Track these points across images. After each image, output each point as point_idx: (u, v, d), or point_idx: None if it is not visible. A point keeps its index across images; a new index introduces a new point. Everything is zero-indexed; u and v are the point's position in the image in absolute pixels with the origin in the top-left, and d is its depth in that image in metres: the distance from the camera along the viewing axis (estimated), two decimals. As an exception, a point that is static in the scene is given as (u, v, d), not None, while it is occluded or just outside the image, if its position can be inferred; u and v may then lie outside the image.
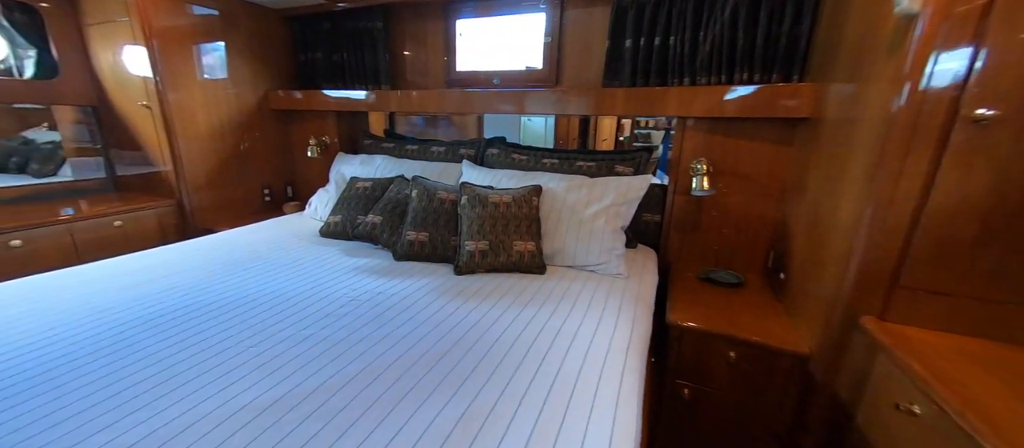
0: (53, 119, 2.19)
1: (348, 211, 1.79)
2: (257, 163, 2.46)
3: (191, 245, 1.69)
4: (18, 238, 1.61)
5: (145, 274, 1.35)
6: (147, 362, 0.88)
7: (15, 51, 1.96)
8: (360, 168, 2.09)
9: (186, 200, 2.12)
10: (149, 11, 1.84)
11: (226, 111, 2.24)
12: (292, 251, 1.62)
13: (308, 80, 2.55)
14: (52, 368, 0.86)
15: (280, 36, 2.46)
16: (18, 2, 1.89)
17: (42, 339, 0.95)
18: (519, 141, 2.36)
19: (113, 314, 1.07)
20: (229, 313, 1.10)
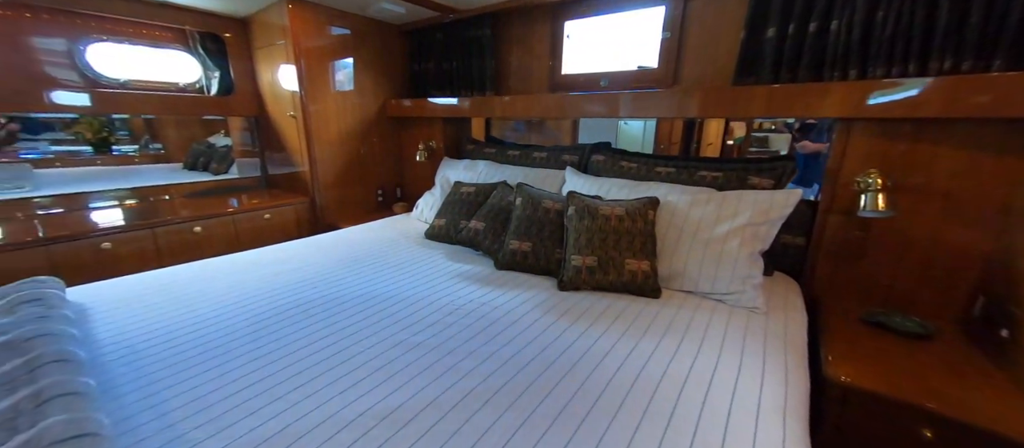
0: (227, 127, 2.67)
1: (452, 215, 1.83)
2: (373, 166, 2.69)
3: (318, 240, 1.89)
4: (199, 225, 1.97)
5: (283, 264, 1.53)
6: (284, 352, 0.96)
7: (205, 73, 2.42)
8: (464, 173, 2.14)
9: (317, 197, 2.40)
10: (300, 34, 2.12)
11: (352, 119, 2.48)
12: (401, 251, 1.70)
13: (420, 89, 2.71)
14: (209, 348, 0.98)
15: (398, 49, 2.66)
16: (210, 33, 2.33)
17: (206, 320, 1.11)
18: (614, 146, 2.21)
19: (258, 301, 1.22)
20: (349, 309, 1.17)
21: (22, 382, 0.71)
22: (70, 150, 2.14)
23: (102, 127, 2.21)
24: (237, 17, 2.36)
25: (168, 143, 2.51)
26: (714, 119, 3.61)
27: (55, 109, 1.95)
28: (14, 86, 1.83)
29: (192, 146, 2.63)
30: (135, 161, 2.35)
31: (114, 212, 2.03)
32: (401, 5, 2.21)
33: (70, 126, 2.12)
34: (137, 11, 2.06)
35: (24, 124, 1.98)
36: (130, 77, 2.19)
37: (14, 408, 0.65)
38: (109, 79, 2.12)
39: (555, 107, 1.94)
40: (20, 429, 0.61)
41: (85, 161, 2.18)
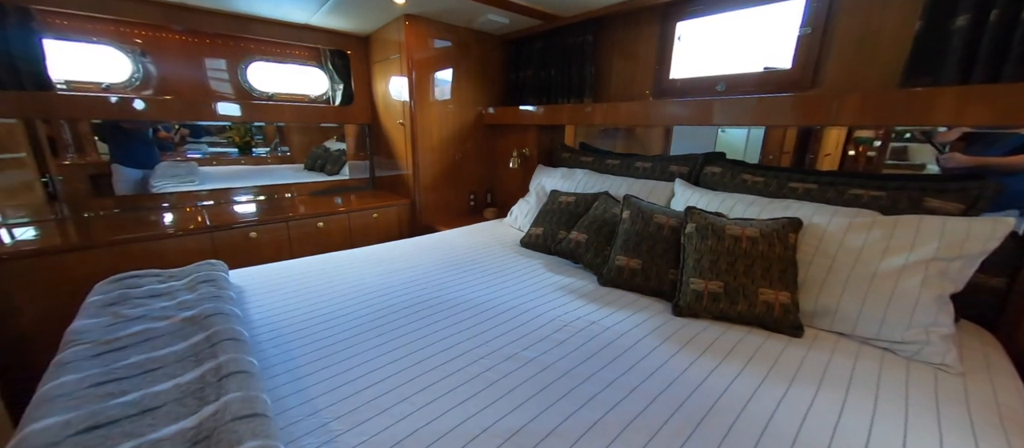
0: (343, 134, 2.97)
1: (550, 224, 1.80)
2: (467, 171, 2.78)
3: (420, 241, 1.99)
4: (322, 221, 2.21)
5: (394, 263, 1.62)
6: (406, 352, 1.00)
7: (331, 86, 2.72)
8: (561, 181, 2.09)
9: (417, 199, 2.55)
10: (413, 48, 2.27)
11: (451, 127, 2.60)
12: (499, 258, 1.71)
13: (516, 97, 2.74)
14: (341, 340, 1.05)
15: (497, 59, 2.72)
16: (338, 51, 2.61)
17: (336, 312, 1.20)
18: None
19: (378, 297, 1.30)
20: (460, 313, 1.19)
21: (206, 355, 0.82)
22: (221, 151, 2.54)
23: (247, 133, 2.60)
24: (360, 35, 2.62)
25: (293, 147, 2.86)
26: (837, 127, 3.10)
27: (221, 118, 2.33)
28: (193, 99, 2.24)
29: (312, 150, 2.97)
30: (267, 162, 2.72)
31: (255, 206, 2.36)
32: (505, 16, 2.25)
33: (223, 132, 2.52)
34: (287, 34, 2.38)
35: (191, 130, 2.40)
36: (276, 90, 2.55)
37: (202, 379, 0.75)
38: (260, 92, 2.49)
39: (669, 114, 1.80)
40: (208, 399, 0.69)
41: (232, 161, 2.58)
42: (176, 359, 0.82)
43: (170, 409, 0.68)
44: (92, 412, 0.65)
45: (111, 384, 0.73)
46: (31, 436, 0.61)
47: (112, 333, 0.90)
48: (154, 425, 0.64)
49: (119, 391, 0.71)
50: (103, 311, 1.00)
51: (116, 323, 0.95)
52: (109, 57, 2.02)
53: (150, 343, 0.87)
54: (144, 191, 2.17)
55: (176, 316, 0.97)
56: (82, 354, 0.82)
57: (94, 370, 0.77)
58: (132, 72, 2.08)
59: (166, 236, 1.77)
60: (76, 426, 0.62)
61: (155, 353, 0.83)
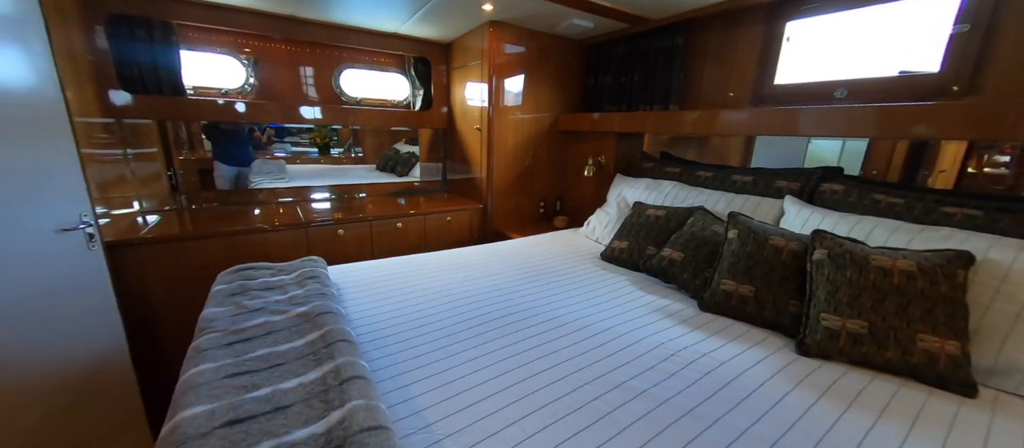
0: (417, 136, 3.05)
1: (636, 239, 1.69)
2: (538, 178, 2.73)
3: (497, 248, 1.97)
4: (401, 222, 2.27)
5: (475, 269, 1.60)
6: (506, 365, 0.96)
7: (412, 91, 2.82)
8: (646, 193, 1.97)
9: (489, 204, 2.54)
10: (495, 54, 2.28)
11: (525, 133, 2.57)
12: (581, 271, 1.63)
13: (593, 103, 2.65)
14: (436, 344, 1.04)
15: (575, 64, 2.66)
16: (421, 57, 2.70)
17: (428, 315, 1.20)
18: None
19: (467, 303, 1.28)
20: (552, 331, 1.13)
21: (324, 356, 0.83)
22: (302, 151, 2.71)
23: (327, 134, 2.76)
24: (442, 42, 2.68)
25: (366, 148, 2.97)
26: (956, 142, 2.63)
27: (315, 121, 2.49)
28: (293, 102, 2.41)
29: (383, 151, 3.09)
30: (342, 162, 2.86)
31: (337, 203, 2.49)
32: (590, 19, 2.18)
33: (305, 133, 2.68)
34: (376, 42, 2.50)
35: (276, 131, 2.58)
36: (363, 95, 2.69)
37: (324, 381, 0.76)
38: (349, 97, 2.64)
39: (776, 123, 1.62)
40: (333, 404, 0.69)
41: (312, 160, 2.74)
42: (297, 356, 0.84)
43: (299, 410, 0.69)
44: (232, 405, 0.68)
45: (244, 376, 0.76)
46: (184, 423, 0.64)
47: (238, 323, 0.96)
48: (287, 426, 0.65)
49: (251, 384, 0.74)
50: (228, 301, 1.07)
51: (240, 314, 1.01)
52: (227, 65, 2.24)
53: (272, 336, 0.91)
54: (238, 186, 2.37)
55: (291, 311, 1.02)
56: (215, 342, 0.88)
57: (227, 360, 0.81)
58: (245, 78, 2.29)
59: (268, 229, 1.91)
60: (220, 418, 0.65)
61: (277, 348, 0.87)
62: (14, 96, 1.20)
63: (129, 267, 1.60)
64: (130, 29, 1.89)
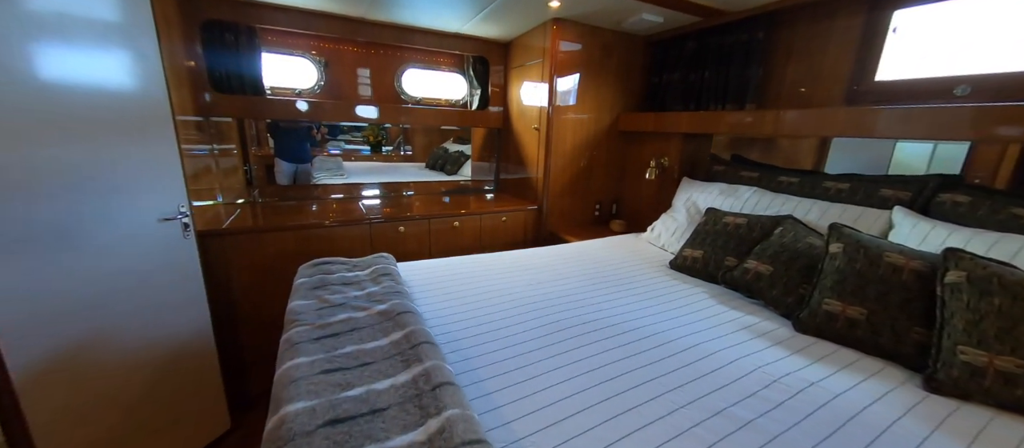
0: (464, 136, 3.04)
1: (712, 249, 1.57)
2: (594, 179, 2.65)
3: (558, 251, 1.91)
4: (458, 221, 2.28)
5: (539, 272, 1.56)
6: (589, 381, 0.90)
7: (470, 91, 2.83)
8: (720, 199, 1.84)
9: (544, 205, 2.50)
10: (556, 52, 2.23)
11: (584, 132, 2.49)
12: (651, 280, 1.54)
13: (657, 102, 2.53)
14: (512, 348, 1.01)
15: (639, 62, 2.54)
16: (480, 57, 2.70)
17: (498, 318, 1.17)
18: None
19: (537, 306, 1.24)
20: (633, 343, 1.06)
21: (411, 357, 0.82)
22: (353, 148, 2.77)
23: (379, 133, 2.82)
24: (502, 41, 2.67)
25: (415, 147, 3.01)
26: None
27: (376, 120, 2.56)
28: (357, 101, 2.49)
29: (433, 150, 3.11)
30: (393, 159, 2.91)
31: (395, 201, 2.55)
32: (661, 13, 2.07)
33: (358, 131, 2.73)
34: (438, 42, 2.54)
35: (329, 129, 2.64)
36: (422, 95, 2.73)
37: (415, 384, 0.74)
38: (409, 96, 2.69)
39: (883, 124, 1.43)
40: (429, 410, 0.67)
41: (363, 158, 2.80)
42: (384, 356, 0.84)
43: (396, 414, 0.67)
44: (331, 403, 0.68)
45: (337, 374, 0.77)
46: (289, 418, 0.64)
47: (323, 318, 0.97)
48: (387, 430, 0.64)
49: (346, 382, 0.74)
50: (311, 294, 1.10)
51: (324, 308, 1.03)
52: (301, 67, 2.35)
53: (357, 334, 0.91)
54: (296, 182, 2.46)
55: (371, 309, 1.02)
56: (305, 336, 0.89)
57: (319, 355, 0.82)
58: (317, 79, 2.40)
59: (336, 224, 1.97)
60: (321, 416, 0.65)
61: (364, 345, 0.87)
62: (130, 98, 1.31)
63: (215, 256, 1.71)
64: (221, 34, 2.02)
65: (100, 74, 1.23)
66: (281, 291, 1.89)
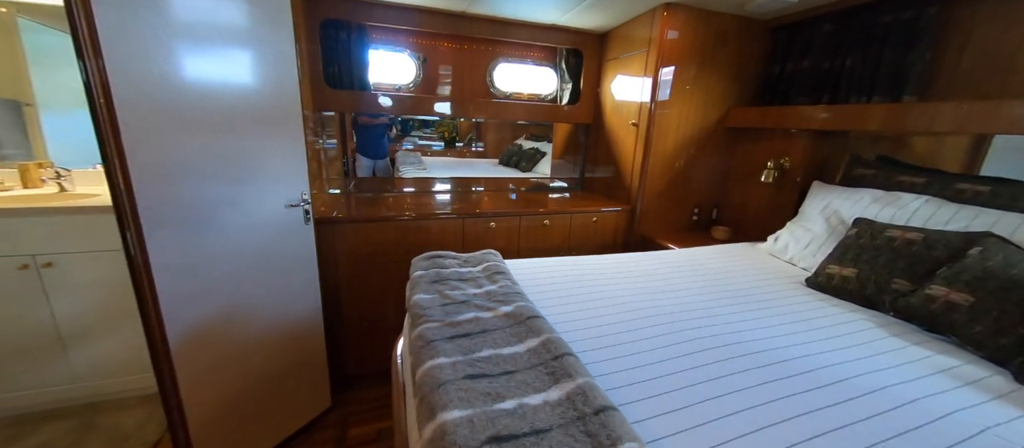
0: (539, 133, 2.93)
1: (872, 268, 1.31)
2: (694, 181, 2.41)
3: (666, 257, 1.74)
4: (548, 219, 2.20)
5: (653, 281, 1.42)
6: (754, 421, 0.75)
7: (560, 85, 2.73)
8: (875, 208, 1.54)
9: (638, 207, 2.32)
10: (663, 41, 2.04)
11: (689, 129, 2.27)
12: (790, 299, 1.32)
13: (778, 94, 2.23)
14: (644, 361, 0.88)
15: (757, 51, 2.26)
16: (574, 49, 2.59)
17: (622, 331, 1.06)
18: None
19: (664, 321, 1.10)
20: (792, 373, 0.89)
21: (557, 370, 0.74)
22: (426, 144, 2.77)
23: (453, 129, 2.80)
24: (598, 32, 2.53)
25: (487, 143, 2.94)
26: None
27: (468, 114, 2.56)
28: (451, 95, 2.51)
29: (507, 146, 3.03)
30: (465, 155, 2.88)
31: (476, 196, 2.53)
32: (797, -8, 1.80)
33: (429, 127, 2.73)
34: (533, 35, 2.47)
35: (401, 126, 2.65)
36: (512, 90, 2.69)
37: (573, 404, 0.66)
38: (500, 91, 2.66)
39: None
40: (600, 439, 0.58)
41: (436, 153, 2.80)
42: (526, 365, 0.77)
43: (562, 440, 0.60)
44: (487, 416, 0.62)
45: (483, 380, 0.71)
46: (449, 427, 0.59)
47: (450, 315, 0.94)
48: (558, 458, 0.56)
49: (495, 393, 0.68)
50: (431, 288, 1.08)
51: (447, 305, 0.99)
52: (402, 62, 2.42)
53: (489, 336, 0.86)
54: (374, 175, 2.52)
55: (497, 310, 0.97)
56: (439, 333, 0.86)
57: (458, 357, 0.77)
58: (414, 75, 2.45)
59: (430, 216, 1.99)
60: (481, 431, 0.59)
61: (501, 351, 0.81)
62: (271, 94, 1.40)
63: (324, 242, 1.80)
64: (335, 32, 2.14)
65: (246, 74, 1.32)
66: (377, 279, 1.96)
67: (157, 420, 1.75)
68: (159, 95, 1.10)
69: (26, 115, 2.08)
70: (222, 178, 1.30)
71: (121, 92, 1.02)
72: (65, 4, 0.94)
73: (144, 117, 1.08)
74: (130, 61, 1.04)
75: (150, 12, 1.06)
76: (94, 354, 1.77)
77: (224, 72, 1.26)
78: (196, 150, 1.22)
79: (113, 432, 1.68)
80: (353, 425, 1.80)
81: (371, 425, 1.81)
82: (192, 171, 1.21)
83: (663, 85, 2.12)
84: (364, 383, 2.07)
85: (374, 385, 2.06)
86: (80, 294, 1.68)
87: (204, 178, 1.25)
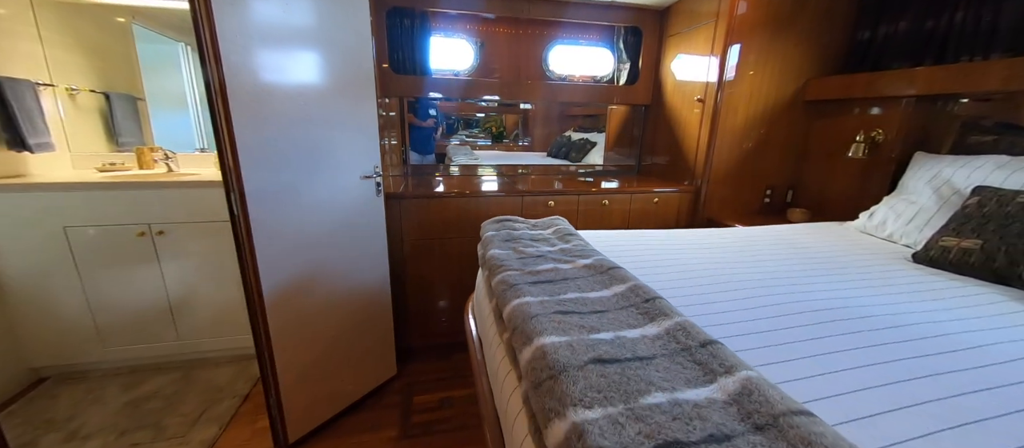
0: (585, 124, 2.84)
1: (1002, 239, 1.13)
2: (766, 160, 2.24)
3: (740, 233, 1.64)
4: (607, 199, 2.15)
5: (729, 253, 1.33)
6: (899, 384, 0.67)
7: (618, 65, 2.66)
8: (998, 174, 1.34)
9: (704, 188, 2.20)
10: (734, 11, 1.92)
11: (760, 104, 2.12)
12: (894, 274, 1.18)
13: (868, 61, 2.02)
14: (758, 332, 0.82)
15: (841, 14, 2.07)
16: (632, 26, 2.52)
17: (714, 296, 0.99)
18: None
19: (751, 288, 1.03)
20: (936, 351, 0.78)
21: (652, 310, 0.71)
22: (472, 141, 2.76)
23: (500, 123, 2.78)
24: (658, 8, 2.44)
25: (534, 137, 2.89)
26: None
27: (524, 97, 2.57)
28: (508, 79, 2.52)
29: (554, 139, 2.95)
30: (513, 149, 2.84)
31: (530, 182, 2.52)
32: (895, -58, 1.61)
33: (475, 127, 2.73)
34: (592, 14, 2.43)
35: (446, 126, 2.68)
36: (568, 73, 2.66)
37: (673, 337, 0.63)
38: (554, 74, 2.64)
39: None
40: (710, 367, 0.55)
41: (484, 148, 2.79)
42: (616, 306, 0.75)
43: (668, 366, 0.57)
44: (586, 343, 0.61)
45: (573, 316, 0.70)
46: (549, 349, 0.59)
47: (528, 266, 0.93)
48: (667, 380, 0.53)
49: (588, 326, 0.67)
50: (505, 246, 1.09)
51: (524, 258, 0.99)
52: (461, 48, 2.48)
53: (572, 283, 0.85)
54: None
55: (576, 262, 0.95)
56: (521, 279, 0.86)
57: (545, 296, 0.77)
58: (473, 60, 2.50)
59: (490, 193, 2.02)
60: (582, 353, 0.58)
61: (586, 294, 0.79)
62: (353, 76, 1.50)
63: (392, 216, 1.88)
64: (400, 19, 2.24)
65: (332, 59, 1.42)
66: (439, 254, 2.02)
67: (246, 377, 1.91)
68: (258, 87, 1.22)
69: (140, 109, 2.37)
70: (307, 151, 1.40)
71: (234, 87, 1.15)
72: (193, 20, 1.07)
73: (246, 106, 1.20)
74: (239, 62, 1.16)
75: (252, 21, 1.18)
76: (194, 316, 1.97)
77: (312, 61, 1.37)
78: (286, 129, 1.32)
79: (207, 384, 1.86)
80: (417, 393, 1.86)
81: (434, 394, 1.86)
82: (283, 146, 1.32)
83: (731, 59, 1.99)
84: (426, 356, 2.13)
85: (436, 358, 2.12)
86: (185, 260, 1.89)
87: (292, 152, 1.35)
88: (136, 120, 2.37)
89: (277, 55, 1.27)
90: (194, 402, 1.74)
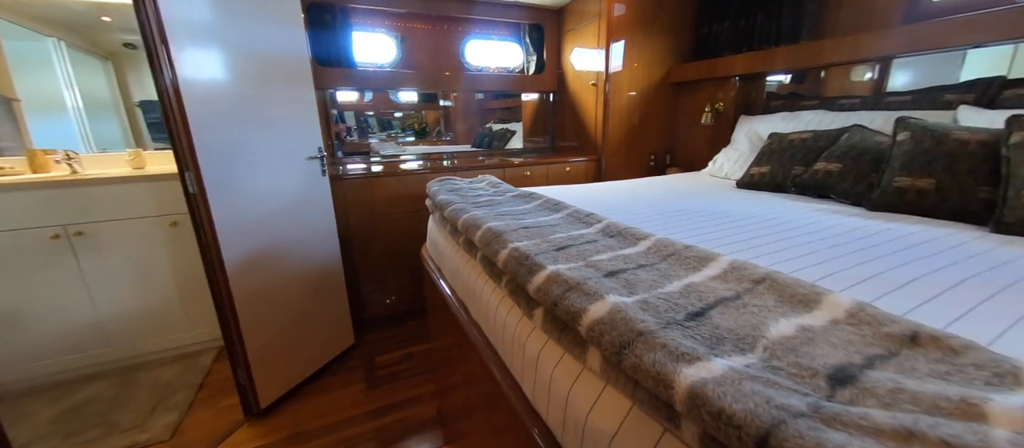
0: (504, 116, 3.22)
1: (779, 163, 1.73)
2: (648, 132, 2.82)
3: (636, 182, 2.09)
4: (529, 170, 2.53)
5: (620, 195, 1.77)
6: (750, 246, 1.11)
7: (526, 58, 3.06)
8: (782, 124, 1.99)
9: (603, 159, 2.70)
10: (611, 15, 2.41)
11: (638, 87, 2.67)
12: (725, 194, 1.72)
13: (709, 51, 2.67)
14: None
15: (689, 14, 2.69)
16: (535, 24, 2.92)
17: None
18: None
19: (646, 210, 1.45)
20: (751, 224, 1.25)
21: (593, 221, 1.05)
22: (398, 137, 2.95)
23: (421, 120, 3.02)
24: (554, 8, 2.88)
25: (456, 132, 3.16)
26: None
27: (448, 86, 2.83)
28: (429, 71, 2.76)
29: (478, 131, 3.25)
30: (437, 144, 3.08)
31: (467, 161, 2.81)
32: (713, -37, 2.21)
33: (400, 123, 2.94)
34: (498, 12, 2.78)
35: (378, 122, 2.87)
36: (483, 65, 2.98)
37: (617, 236, 0.98)
38: (471, 65, 2.95)
39: (934, 36, 1.55)
40: (684, 257, 0.91)
41: (408, 144, 2.98)
42: (565, 221, 1.06)
43: (598, 238, 0.91)
44: (550, 243, 0.89)
45: (534, 230, 1.00)
46: (520, 249, 0.89)
47: (481, 206, 1.23)
48: (610, 246, 0.87)
49: (555, 241, 0.98)
50: (451, 194, 1.36)
51: (479, 204, 1.28)
52: (382, 43, 2.65)
53: (529, 216, 1.13)
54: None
55: (530, 202, 1.27)
56: (475, 210, 1.15)
57: (506, 221, 1.05)
58: (395, 55, 2.69)
59: (427, 171, 2.26)
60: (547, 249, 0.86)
61: (543, 218, 1.09)
62: (292, 58, 1.63)
63: (338, 196, 2.02)
64: (321, 15, 2.34)
65: (279, 42, 1.56)
66: (384, 230, 2.21)
67: (196, 370, 1.91)
68: (206, 78, 1.32)
69: (15, 110, 2.14)
70: (257, 126, 1.51)
71: (185, 76, 1.24)
72: (143, 37, 1.16)
73: (197, 93, 1.29)
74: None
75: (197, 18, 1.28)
76: (127, 319, 1.90)
77: (255, 47, 1.49)
78: (235, 105, 1.43)
79: (153, 383, 1.82)
80: (379, 354, 2.05)
81: (395, 352, 2.06)
82: (233, 121, 1.43)
83: (613, 51, 2.49)
84: (379, 325, 2.31)
85: (393, 326, 2.31)
86: (111, 260, 1.81)
87: (243, 125, 1.46)
88: (12, 123, 2.13)
89: (221, 49, 1.38)
90: (143, 398, 1.72)
